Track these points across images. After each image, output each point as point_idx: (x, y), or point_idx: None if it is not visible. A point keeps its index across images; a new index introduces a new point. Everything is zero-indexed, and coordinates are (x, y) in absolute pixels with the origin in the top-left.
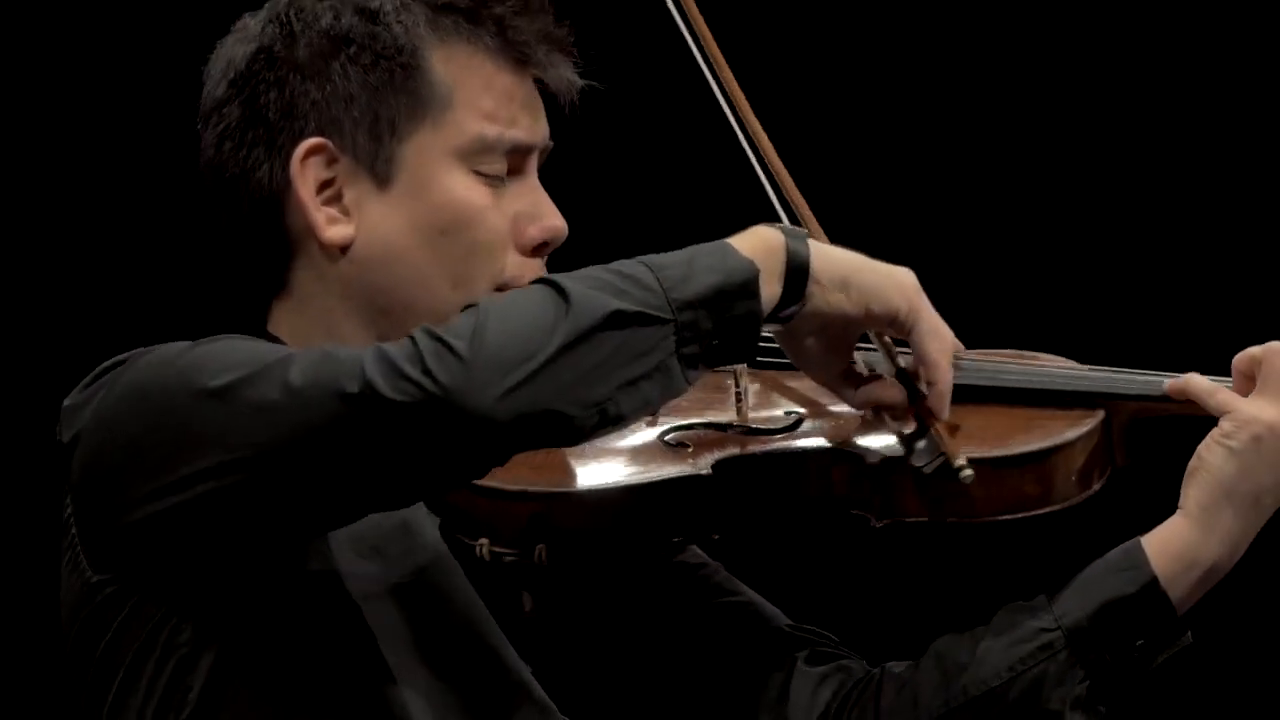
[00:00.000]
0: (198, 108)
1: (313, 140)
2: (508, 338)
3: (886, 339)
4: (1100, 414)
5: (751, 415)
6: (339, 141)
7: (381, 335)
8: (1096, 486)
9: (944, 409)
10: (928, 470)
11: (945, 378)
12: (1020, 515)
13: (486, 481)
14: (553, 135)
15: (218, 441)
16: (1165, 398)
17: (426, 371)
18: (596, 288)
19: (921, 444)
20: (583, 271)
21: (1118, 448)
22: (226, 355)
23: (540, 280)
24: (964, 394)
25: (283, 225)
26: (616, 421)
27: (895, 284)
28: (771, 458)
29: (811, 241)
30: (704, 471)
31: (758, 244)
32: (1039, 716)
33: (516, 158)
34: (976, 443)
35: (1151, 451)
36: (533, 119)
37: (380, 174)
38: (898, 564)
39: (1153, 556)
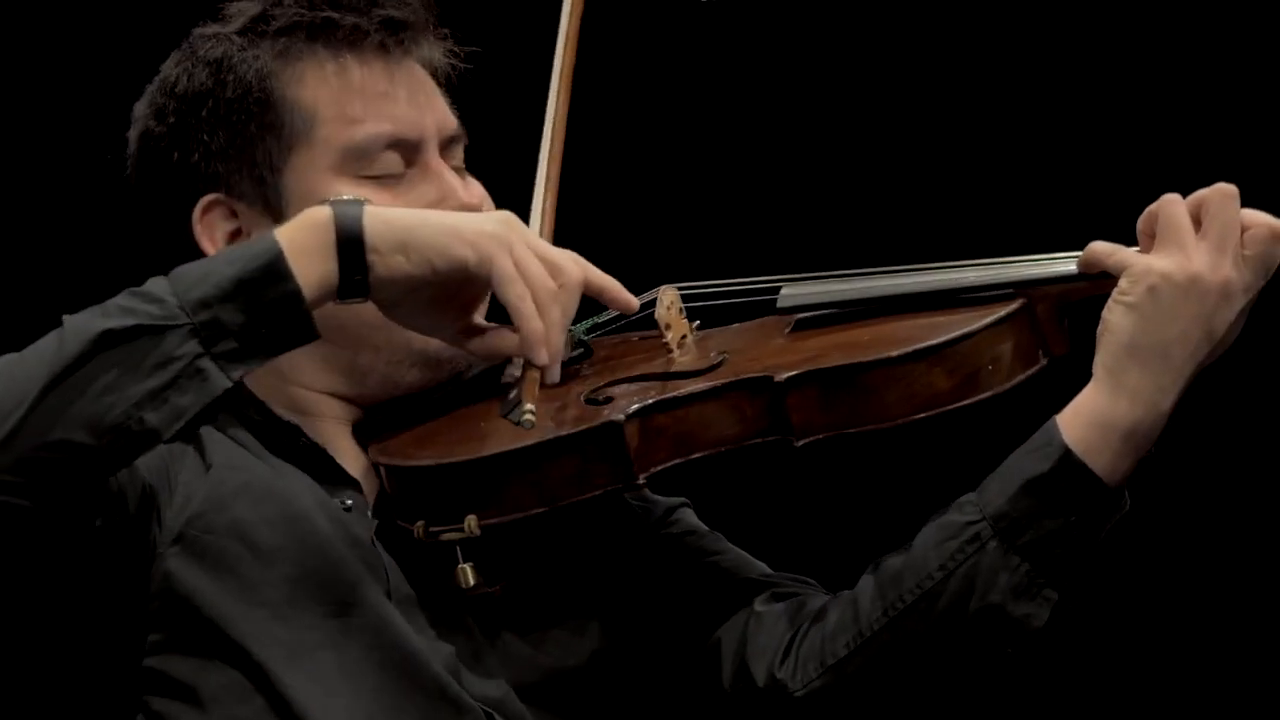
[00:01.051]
0: None
1: (204, 200)
2: None
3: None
4: (1018, 302)
5: (678, 362)
6: (230, 193)
7: (341, 365)
8: (1026, 373)
9: (535, 355)
10: (504, 415)
11: (528, 324)
12: (943, 409)
13: (402, 461)
14: None
15: None
16: (1080, 275)
17: None
18: (99, 314)
19: (513, 393)
20: (114, 299)
21: (1051, 335)
22: None
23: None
24: (878, 307)
25: None
26: (150, 437)
27: (458, 236)
28: (688, 397)
29: (369, 208)
30: (617, 418)
31: (302, 222)
32: (981, 613)
33: (407, 151)
34: (872, 350)
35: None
36: (415, 110)
37: (275, 212)
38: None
39: (1064, 428)
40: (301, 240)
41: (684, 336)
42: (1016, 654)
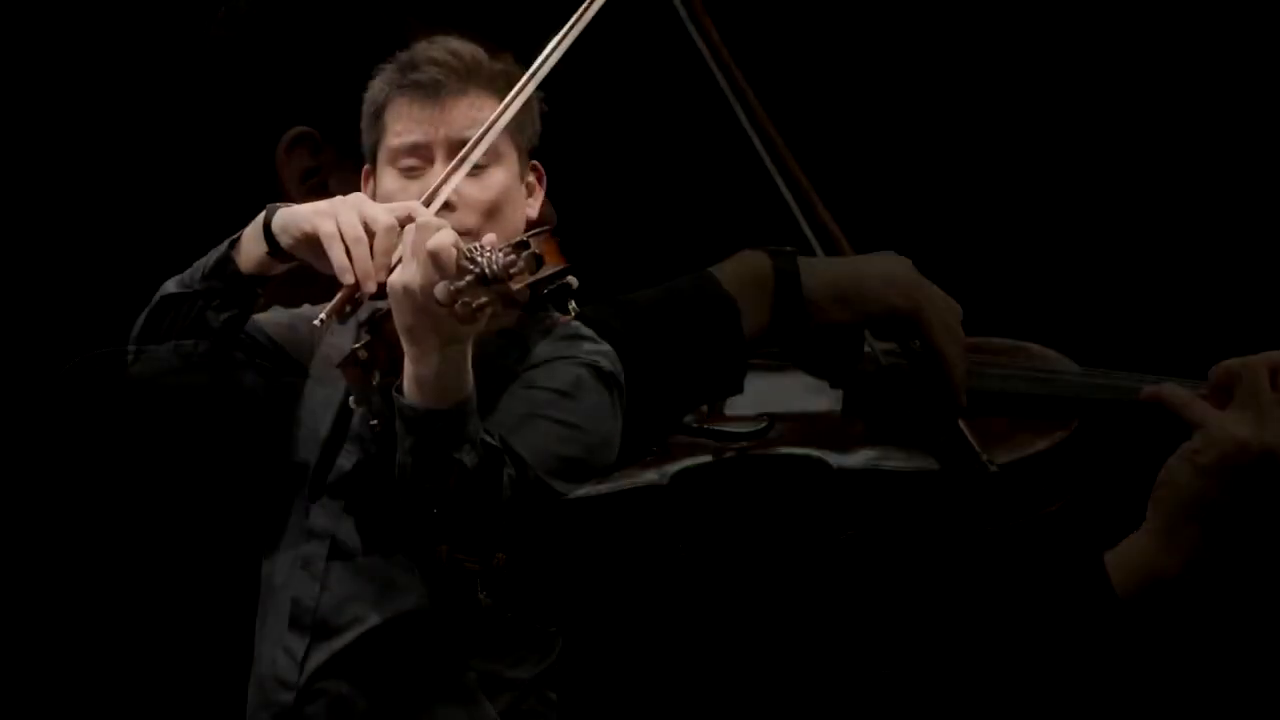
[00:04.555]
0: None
1: (296, 130)
2: None
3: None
4: (1073, 425)
5: (724, 416)
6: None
7: None
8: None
9: (964, 395)
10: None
11: (958, 370)
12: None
13: None
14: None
15: None
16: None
17: None
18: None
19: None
20: None
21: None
22: None
23: None
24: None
25: None
26: None
27: (890, 284)
28: (736, 464)
29: (801, 260)
30: (664, 482)
31: (745, 273)
32: None
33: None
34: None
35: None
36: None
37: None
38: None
39: (1112, 572)
40: (749, 294)
41: None
42: None
